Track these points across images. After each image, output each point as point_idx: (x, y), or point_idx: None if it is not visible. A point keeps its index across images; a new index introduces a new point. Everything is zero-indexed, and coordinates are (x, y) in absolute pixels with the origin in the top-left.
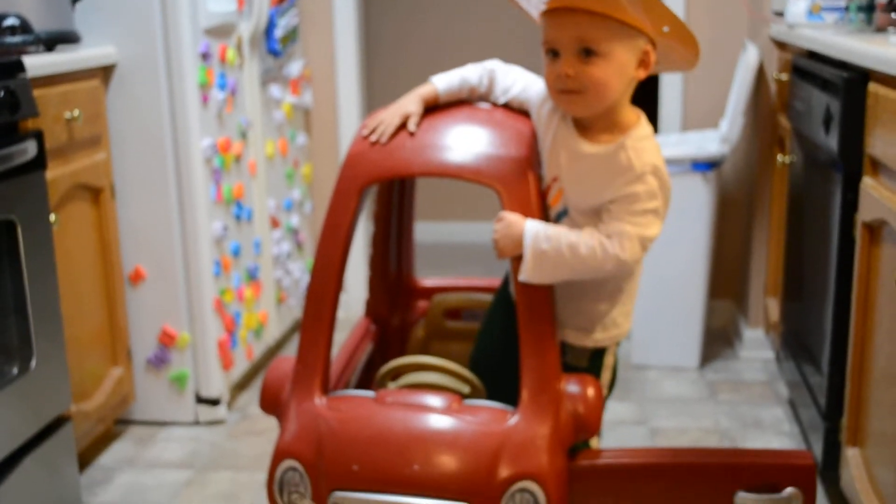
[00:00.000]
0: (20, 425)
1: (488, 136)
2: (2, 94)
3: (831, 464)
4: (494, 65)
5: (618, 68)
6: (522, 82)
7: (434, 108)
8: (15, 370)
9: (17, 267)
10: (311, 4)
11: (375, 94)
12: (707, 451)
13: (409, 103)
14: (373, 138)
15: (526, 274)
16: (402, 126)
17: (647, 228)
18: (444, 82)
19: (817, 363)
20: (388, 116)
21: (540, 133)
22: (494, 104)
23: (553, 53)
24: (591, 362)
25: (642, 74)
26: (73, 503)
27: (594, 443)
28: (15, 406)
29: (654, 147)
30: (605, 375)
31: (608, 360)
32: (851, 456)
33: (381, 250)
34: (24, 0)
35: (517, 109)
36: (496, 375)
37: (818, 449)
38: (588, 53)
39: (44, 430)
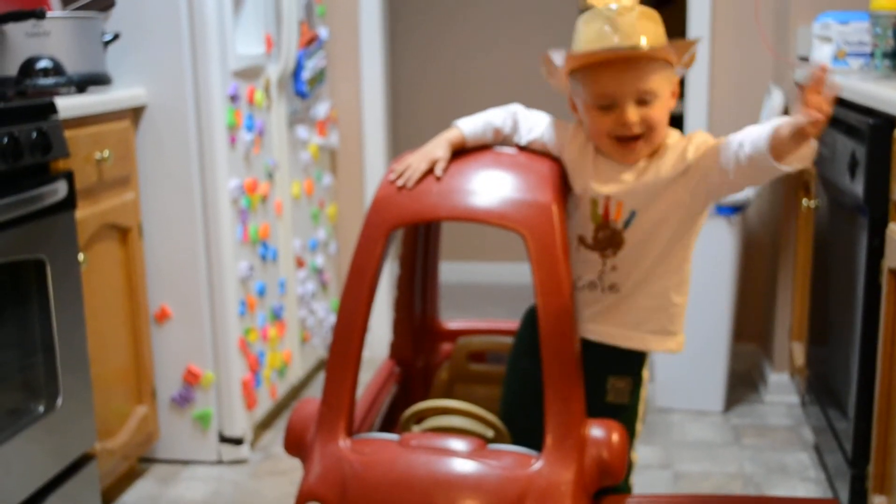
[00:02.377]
0: (46, 463)
1: (514, 180)
2: (34, 135)
3: None
4: (516, 108)
5: (665, 104)
6: (543, 124)
7: (460, 152)
8: (41, 408)
9: (46, 305)
10: (339, 47)
11: (401, 136)
12: (733, 499)
13: (437, 148)
14: (399, 183)
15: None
16: (429, 171)
17: None
18: (469, 126)
19: (843, 408)
20: (416, 161)
21: (572, 164)
22: (517, 146)
23: (607, 107)
24: (632, 396)
25: (674, 103)
26: None
27: (632, 481)
28: (41, 443)
29: None
30: (642, 409)
31: (644, 391)
32: None
33: (406, 292)
34: (56, 43)
35: (540, 151)
36: (531, 422)
37: (844, 496)
38: (646, 98)
39: (69, 468)
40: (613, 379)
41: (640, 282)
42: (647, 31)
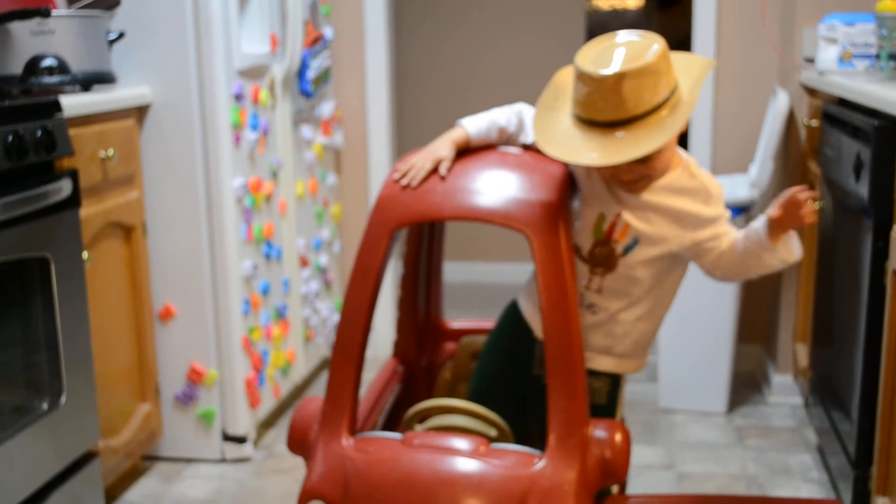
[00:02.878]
0: (49, 460)
1: (518, 180)
2: (39, 133)
3: None
4: (522, 107)
5: (672, 144)
6: None
7: (464, 151)
8: (45, 405)
9: (50, 303)
10: (344, 46)
11: (405, 135)
12: (737, 499)
13: (441, 148)
14: (403, 182)
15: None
16: (434, 171)
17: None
18: (473, 126)
19: (847, 410)
20: (420, 161)
21: (579, 173)
22: (523, 145)
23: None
24: (609, 397)
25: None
26: None
27: (614, 489)
28: (44, 441)
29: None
30: (619, 412)
31: (622, 392)
32: None
33: (409, 291)
34: (61, 41)
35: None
36: (494, 406)
37: (847, 497)
38: (646, 157)
39: (72, 466)
40: (591, 379)
41: (617, 313)
42: (641, 96)
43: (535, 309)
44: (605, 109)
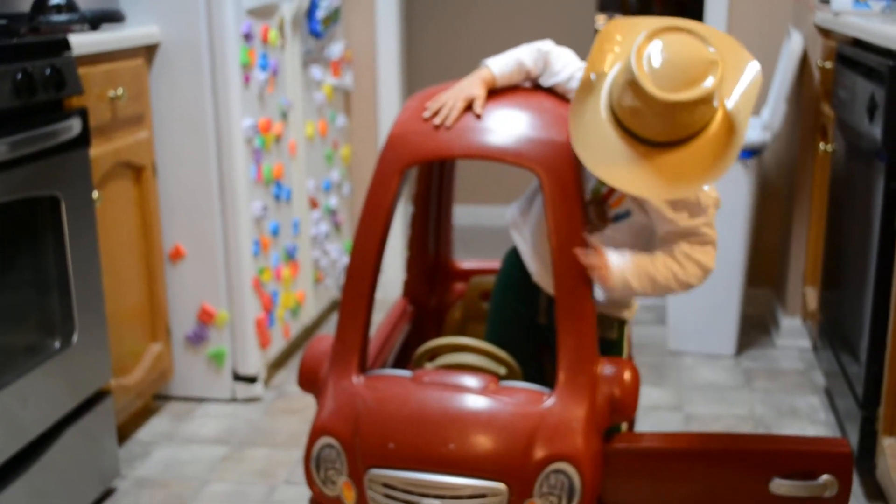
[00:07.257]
0: (62, 398)
1: (530, 119)
2: (48, 72)
3: (867, 453)
4: (548, 46)
5: None
6: (571, 70)
7: None
8: (57, 344)
9: (61, 243)
10: None
11: (415, 77)
12: (743, 437)
13: (472, 87)
14: (437, 121)
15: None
16: (466, 109)
17: (709, 259)
18: (498, 66)
19: (855, 352)
20: (452, 99)
21: None
22: (539, 86)
23: None
24: (619, 332)
25: None
26: (112, 475)
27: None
28: (57, 379)
29: None
30: (626, 350)
31: (628, 331)
32: (888, 446)
33: (419, 232)
34: None
35: (560, 95)
36: (519, 359)
37: (854, 438)
38: None
39: (84, 404)
40: (601, 316)
41: None
42: (695, 121)
43: (534, 254)
44: (655, 130)
